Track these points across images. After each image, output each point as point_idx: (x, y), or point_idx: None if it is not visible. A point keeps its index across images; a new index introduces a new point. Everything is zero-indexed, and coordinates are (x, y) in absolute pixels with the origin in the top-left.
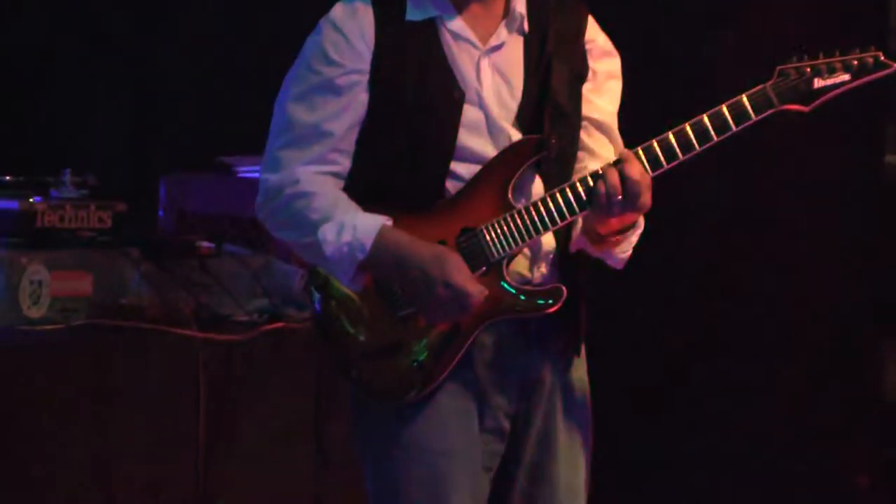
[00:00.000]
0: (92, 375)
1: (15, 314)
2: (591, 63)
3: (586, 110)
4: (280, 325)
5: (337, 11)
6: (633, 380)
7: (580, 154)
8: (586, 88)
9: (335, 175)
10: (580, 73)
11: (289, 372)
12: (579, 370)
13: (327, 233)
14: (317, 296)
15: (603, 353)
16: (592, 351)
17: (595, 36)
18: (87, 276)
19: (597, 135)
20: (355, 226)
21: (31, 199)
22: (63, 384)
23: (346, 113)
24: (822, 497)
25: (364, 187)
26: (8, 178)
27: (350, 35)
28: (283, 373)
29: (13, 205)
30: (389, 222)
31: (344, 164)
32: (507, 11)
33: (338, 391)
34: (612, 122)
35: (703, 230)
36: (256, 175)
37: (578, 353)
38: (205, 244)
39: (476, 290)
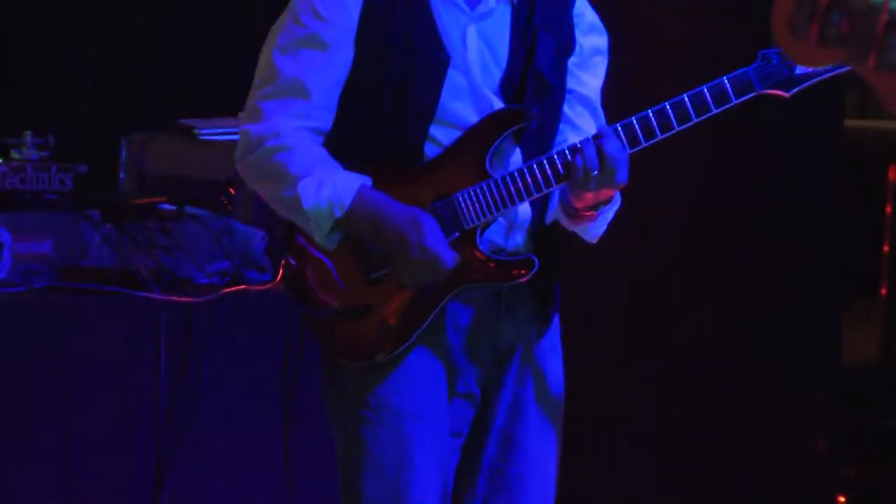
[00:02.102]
0: (53, 338)
1: None
2: (578, 37)
3: (571, 84)
4: (241, 287)
5: None
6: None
7: (562, 127)
8: (572, 62)
9: (316, 130)
10: (567, 45)
11: (250, 334)
12: (552, 339)
13: (307, 187)
14: (290, 254)
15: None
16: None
17: (584, 10)
18: (49, 239)
19: (579, 109)
20: (335, 182)
21: None
22: (24, 346)
23: (331, 69)
24: (779, 463)
25: (343, 145)
26: None
27: None
28: (244, 335)
29: None
30: (369, 182)
31: (325, 120)
32: None
33: (301, 353)
34: (596, 97)
35: (665, 196)
36: (219, 138)
37: (549, 323)
38: (166, 206)
39: (449, 255)
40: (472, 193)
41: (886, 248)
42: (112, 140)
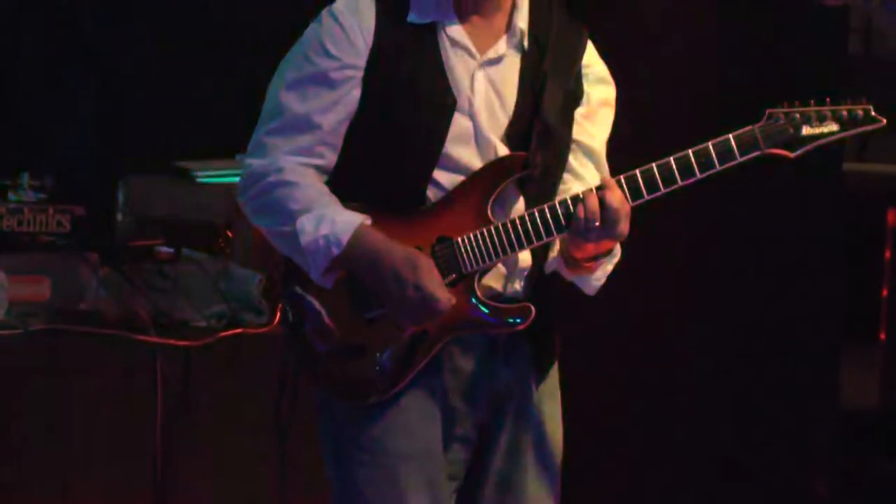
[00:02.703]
0: (50, 380)
1: None
2: (586, 87)
3: (577, 133)
4: (238, 330)
5: (340, 5)
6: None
7: (566, 176)
8: (579, 112)
9: (319, 168)
10: (574, 95)
11: (247, 377)
12: (551, 384)
13: (306, 223)
14: (287, 292)
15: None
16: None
17: (593, 61)
18: (46, 281)
19: (584, 159)
20: (334, 220)
21: None
22: (21, 389)
23: (337, 107)
24: None
25: (346, 185)
26: None
27: (349, 29)
28: (240, 378)
29: None
30: (369, 221)
31: (329, 158)
32: (509, 26)
33: (297, 397)
34: (601, 149)
35: (667, 238)
36: (216, 180)
37: (548, 371)
38: (163, 249)
39: (444, 296)
40: (472, 238)
41: (885, 293)
42: (110, 182)
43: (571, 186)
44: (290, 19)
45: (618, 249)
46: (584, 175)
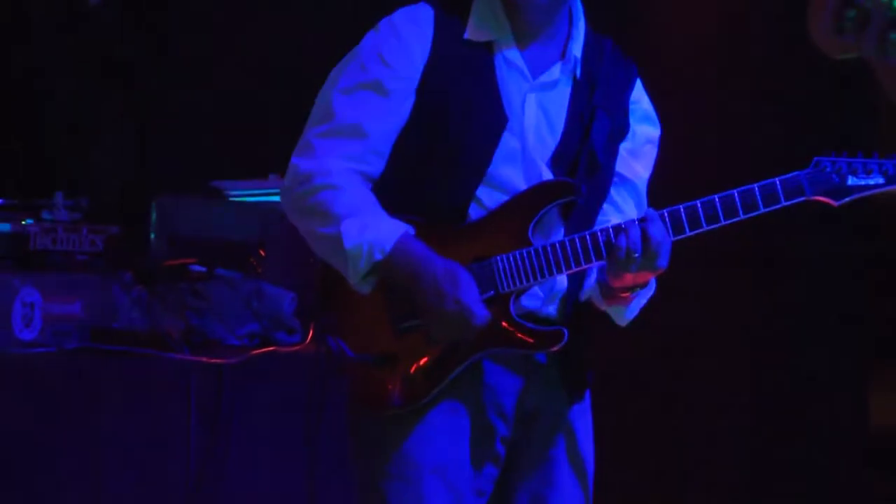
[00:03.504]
0: (83, 399)
1: (7, 337)
2: (632, 123)
3: (620, 167)
4: (270, 349)
5: (399, 15)
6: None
7: (606, 208)
8: (624, 147)
9: (366, 174)
10: (621, 129)
11: (279, 396)
12: (582, 403)
13: (350, 227)
14: (321, 298)
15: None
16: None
17: (641, 98)
18: (79, 300)
19: (626, 194)
20: (379, 227)
21: (23, 222)
22: (55, 408)
23: (388, 116)
24: None
25: (390, 196)
26: (1, 200)
27: (407, 40)
28: (273, 397)
29: (6, 227)
30: (412, 231)
31: (376, 165)
32: (564, 54)
33: (329, 415)
34: (643, 186)
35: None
36: (249, 199)
37: (582, 394)
38: (196, 268)
39: (482, 313)
40: (511, 259)
41: None
42: (143, 202)
43: (611, 218)
44: (322, 42)
45: (653, 284)
46: (624, 209)
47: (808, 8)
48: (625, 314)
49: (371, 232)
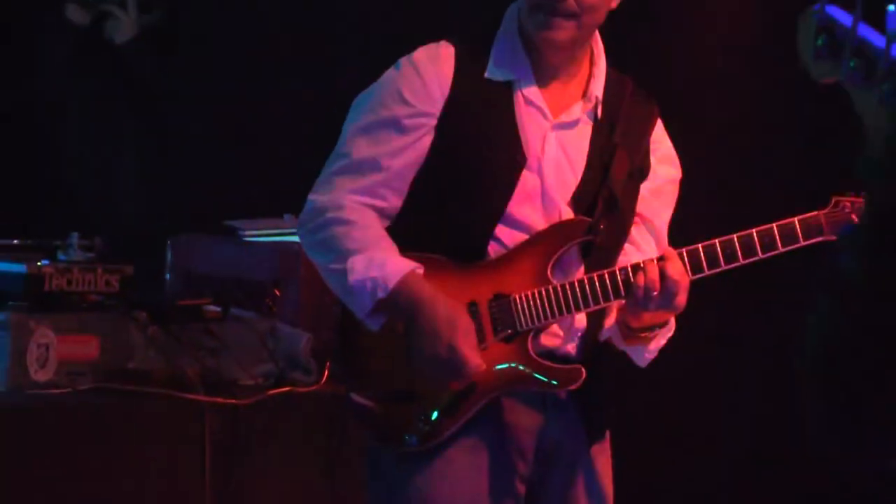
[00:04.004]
0: (99, 439)
1: (22, 377)
2: (653, 164)
3: (640, 207)
4: (286, 389)
5: (420, 54)
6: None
7: (627, 247)
8: (644, 187)
9: (381, 211)
10: (641, 169)
11: (295, 436)
12: (602, 443)
13: (356, 263)
14: (339, 333)
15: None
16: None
17: (662, 139)
18: (94, 340)
19: (646, 234)
20: (384, 263)
21: (38, 263)
22: (70, 448)
23: (406, 152)
24: None
25: (409, 233)
26: (16, 241)
27: (427, 79)
28: (289, 437)
29: (21, 268)
30: (420, 270)
31: (392, 201)
32: (585, 93)
33: (346, 455)
34: (663, 227)
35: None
36: (263, 239)
37: (602, 433)
38: (211, 308)
39: (475, 362)
40: (530, 296)
41: None
42: (158, 241)
43: (631, 258)
44: (340, 82)
45: (672, 323)
46: (644, 248)
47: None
48: (644, 354)
49: (376, 268)
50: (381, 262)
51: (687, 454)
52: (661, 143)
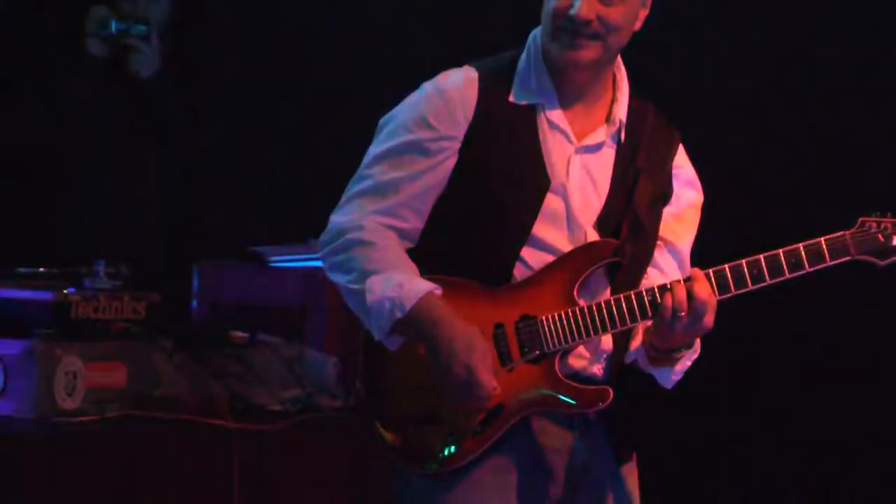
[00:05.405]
0: (127, 467)
1: (50, 406)
2: (676, 188)
3: (664, 232)
4: (314, 414)
5: (444, 78)
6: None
7: (650, 271)
8: (667, 211)
9: (401, 232)
10: (664, 193)
11: (323, 462)
12: (630, 464)
13: (375, 283)
14: (364, 354)
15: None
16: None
17: (684, 163)
18: (122, 368)
19: (669, 257)
20: (402, 284)
21: (65, 290)
22: (98, 476)
23: (428, 174)
24: None
25: (434, 256)
26: (42, 269)
27: (452, 103)
28: (316, 463)
29: (47, 296)
30: (439, 291)
31: (412, 222)
32: (609, 116)
33: (373, 481)
34: (686, 251)
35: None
36: (289, 264)
37: (629, 455)
38: (238, 334)
39: (491, 384)
40: (556, 318)
41: None
42: (184, 268)
43: (655, 281)
44: (360, 107)
45: (698, 345)
46: (668, 272)
47: None
48: (671, 376)
49: (394, 289)
50: (399, 283)
51: (715, 477)
52: (683, 167)
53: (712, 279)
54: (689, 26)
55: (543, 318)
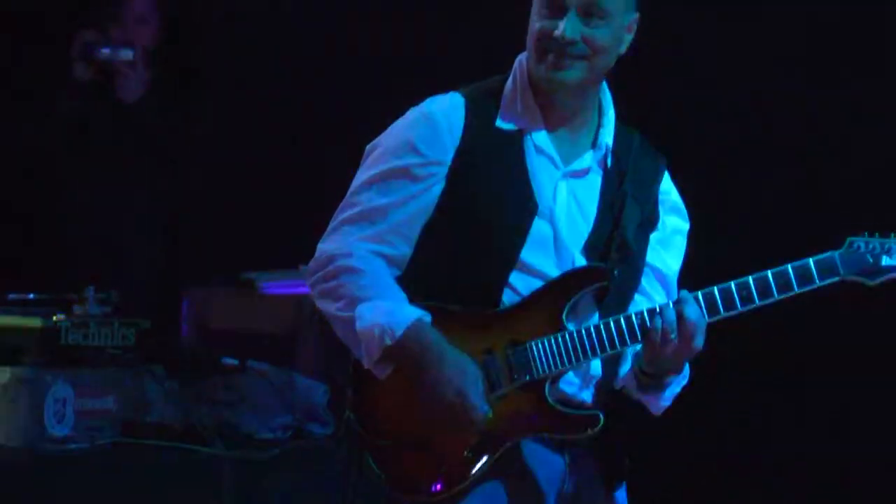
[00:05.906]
0: (117, 494)
1: (40, 432)
2: (662, 214)
3: (650, 258)
4: (304, 442)
5: (431, 105)
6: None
7: (637, 297)
8: (654, 237)
9: (389, 258)
10: (650, 219)
11: (313, 489)
12: (620, 491)
13: (364, 311)
14: (353, 381)
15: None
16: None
17: (669, 189)
18: (111, 394)
19: (656, 283)
20: (392, 311)
21: (54, 317)
22: (89, 503)
23: (415, 200)
24: None
25: (424, 281)
26: (32, 295)
27: (439, 129)
28: (307, 489)
29: (37, 322)
30: (428, 318)
31: (400, 249)
32: (595, 142)
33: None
34: (673, 276)
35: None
36: (279, 291)
37: (619, 481)
38: (228, 361)
39: (483, 409)
40: (545, 343)
41: None
42: (174, 295)
43: (643, 308)
44: (350, 133)
45: (687, 371)
46: (655, 297)
47: None
48: (660, 402)
49: (384, 316)
50: (388, 310)
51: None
52: (669, 194)
53: (701, 301)
54: (676, 50)
55: (532, 343)
